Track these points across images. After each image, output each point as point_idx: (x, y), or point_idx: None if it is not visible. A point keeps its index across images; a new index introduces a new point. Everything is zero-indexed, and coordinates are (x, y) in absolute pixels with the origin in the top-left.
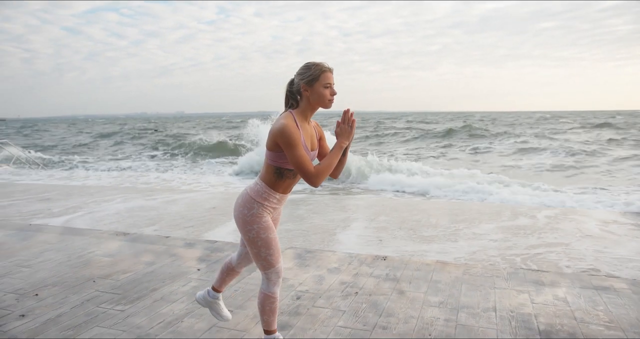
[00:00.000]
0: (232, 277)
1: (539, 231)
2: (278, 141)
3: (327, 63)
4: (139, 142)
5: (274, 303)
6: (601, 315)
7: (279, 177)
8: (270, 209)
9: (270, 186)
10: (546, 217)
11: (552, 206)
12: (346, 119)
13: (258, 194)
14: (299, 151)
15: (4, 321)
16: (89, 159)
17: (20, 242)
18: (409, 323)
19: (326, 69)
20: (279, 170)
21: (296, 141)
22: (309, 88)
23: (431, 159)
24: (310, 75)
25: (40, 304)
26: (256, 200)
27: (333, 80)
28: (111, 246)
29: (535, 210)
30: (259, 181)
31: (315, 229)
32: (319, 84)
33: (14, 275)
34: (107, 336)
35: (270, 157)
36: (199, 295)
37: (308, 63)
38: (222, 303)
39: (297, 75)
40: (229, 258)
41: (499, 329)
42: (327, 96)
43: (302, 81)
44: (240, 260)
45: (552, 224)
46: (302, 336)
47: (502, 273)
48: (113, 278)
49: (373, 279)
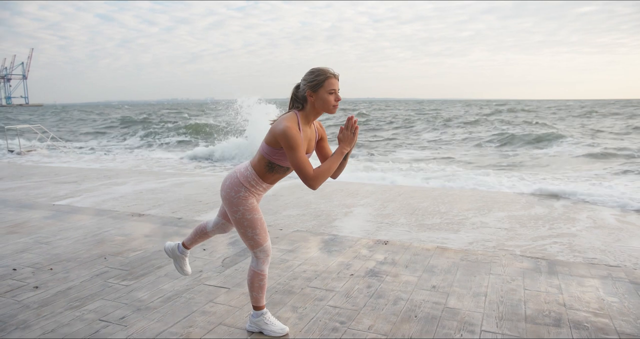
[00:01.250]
0: (203, 239)
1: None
2: (280, 141)
3: (332, 69)
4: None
5: (262, 280)
6: (592, 303)
7: (269, 170)
8: (255, 195)
9: (260, 175)
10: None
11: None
12: (349, 126)
13: (247, 180)
14: (300, 154)
15: (19, 292)
16: (112, 143)
17: (42, 221)
18: (397, 305)
19: (331, 75)
20: (271, 164)
21: (298, 144)
22: (313, 94)
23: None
24: (315, 81)
25: (53, 277)
26: (244, 185)
27: (338, 86)
28: (126, 226)
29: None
30: (249, 167)
31: (322, 213)
32: (323, 90)
33: (33, 251)
34: (109, 308)
35: (266, 151)
36: (168, 246)
37: (313, 69)
38: (187, 259)
39: (302, 80)
40: (205, 222)
41: (485, 313)
42: (331, 101)
43: (307, 87)
44: (215, 228)
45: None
46: (291, 313)
47: (500, 260)
48: (123, 255)
49: (371, 262)
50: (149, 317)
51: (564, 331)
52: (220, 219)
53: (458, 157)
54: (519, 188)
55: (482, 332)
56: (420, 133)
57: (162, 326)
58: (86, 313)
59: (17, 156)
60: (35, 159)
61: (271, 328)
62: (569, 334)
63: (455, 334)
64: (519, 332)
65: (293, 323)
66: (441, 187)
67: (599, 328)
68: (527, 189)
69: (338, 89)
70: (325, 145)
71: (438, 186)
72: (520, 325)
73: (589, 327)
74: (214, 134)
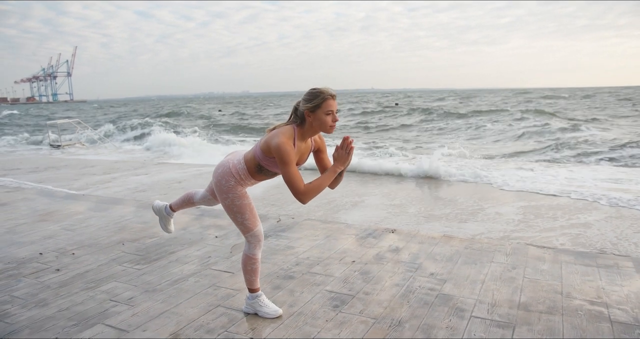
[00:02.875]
0: (189, 207)
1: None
2: (274, 154)
3: (331, 89)
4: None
5: (254, 264)
6: (591, 292)
7: (258, 171)
8: (244, 185)
9: (250, 172)
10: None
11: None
12: (344, 146)
13: (237, 172)
14: (292, 169)
15: (42, 274)
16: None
17: (71, 210)
18: (392, 290)
19: (329, 96)
20: (261, 167)
21: (291, 160)
22: (311, 114)
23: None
24: (314, 103)
25: (74, 261)
26: (234, 175)
27: (336, 106)
28: (146, 214)
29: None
30: (242, 161)
31: (334, 202)
32: (321, 111)
33: (59, 237)
34: (120, 289)
35: (259, 155)
36: (157, 205)
37: (313, 90)
38: (172, 220)
39: (302, 100)
40: (195, 192)
41: (478, 299)
42: (328, 122)
43: (306, 107)
44: (201, 200)
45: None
46: (288, 297)
47: (505, 249)
48: (140, 242)
49: (375, 249)
50: (155, 298)
51: (556, 318)
52: (207, 194)
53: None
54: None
55: (471, 317)
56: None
57: (165, 306)
58: (99, 293)
59: (56, 149)
60: (72, 150)
61: (265, 310)
62: (560, 322)
63: (444, 318)
64: (509, 318)
65: (288, 305)
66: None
67: (593, 315)
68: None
69: (336, 110)
70: (324, 157)
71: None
72: (511, 312)
73: (582, 314)
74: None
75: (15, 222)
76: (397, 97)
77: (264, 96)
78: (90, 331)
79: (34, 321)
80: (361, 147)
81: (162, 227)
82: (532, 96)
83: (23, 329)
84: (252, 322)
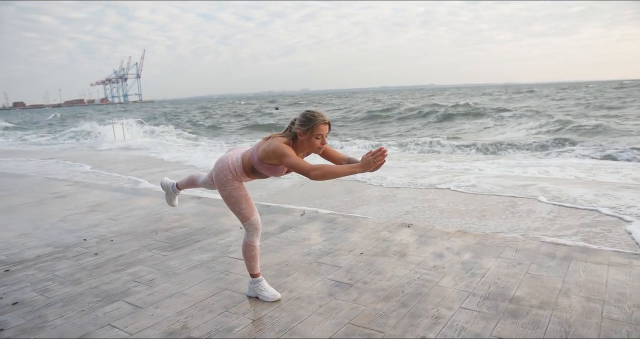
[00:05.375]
0: (193, 188)
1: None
2: (273, 156)
3: (324, 115)
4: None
5: (253, 251)
6: (591, 289)
7: (252, 172)
8: (239, 180)
9: (245, 171)
10: None
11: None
12: (376, 155)
13: (234, 168)
14: (293, 158)
15: (82, 257)
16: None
17: (119, 201)
18: (390, 281)
19: (321, 122)
20: (254, 169)
21: (289, 152)
22: (303, 135)
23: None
24: (307, 126)
25: (111, 247)
26: (232, 171)
27: (326, 131)
28: (184, 207)
29: None
30: (240, 160)
31: (359, 200)
32: (311, 133)
33: (103, 225)
34: (144, 272)
35: (255, 161)
36: (166, 181)
37: (308, 114)
38: (177, 196)
39: (297, 121)
40: (198, 174)
41: (472, 292)
42: (317, 144)
43: (299, 129)
44: (202, 183)
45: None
46: (291, 284)
47: (517, 244)
48: (172, 231)
49: (386, 243)
50: (172, 280)
51: (545, 313)
52: (208, 179)
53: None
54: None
55: (459, 309)
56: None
57: (179, 287)
58: (125, 275)
59: (118, 146)
60: (137, 147)
61: (265, 293)
62: (548, 316)
63: (431, 309)
64: (497, 311)
65: (289, 290)
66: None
67: (585, 311)
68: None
69: (326, 134)
70: (328, 149)
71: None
72: (502, 305)
73: (574, 310)
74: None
75: (69, 212)
76: (444, 96)
77: (324, 93)
78: (110, 306)
79: (67, 296)
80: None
81: (168, 201)
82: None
83: (57, 302)
84: (252, 304)
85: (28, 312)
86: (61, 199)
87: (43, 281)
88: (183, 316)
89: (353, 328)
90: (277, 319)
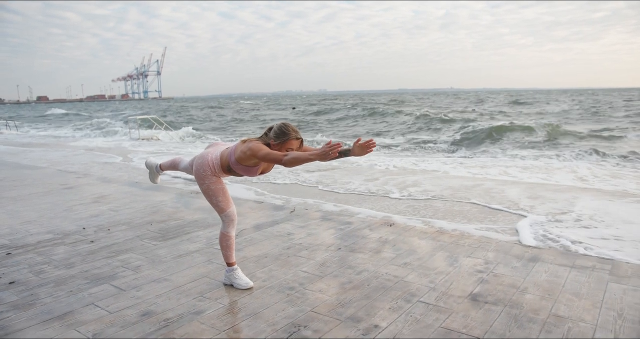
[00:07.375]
0: (173, 170)
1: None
2: (250, 154)
3: (298, 132)
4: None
5: (228, 241)
6: (547, 288)
7: (227, 170)
8: (217, 176)
9: (222, 168)
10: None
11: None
12: (333, 146)
13: (213, 165)
14: (266, 151)
15: (79, 244)
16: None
17: (121, 194)
18: (359, 275)
19: (293, 138)
20: (230, 168)
21: (262, 147)
22: (275, 146)
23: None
24: (281, 139)
25: (107, 235)
26: (210, 167)
27: (297, 146)
28: (182, 201)
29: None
30: (218, 156)
31: (352, 194)
32: (282, 146)
33: (103, 216)
34: (133, 259)
35: (232, 161)
36: (150, 161)
37: (283, 128)
38: (160, 176)
39: (273, 133)
40: (180, 159)
41: (433, 287)
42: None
43: (273, 140)
44: (183, 169)
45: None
46: (266, 274)
47: (490, 246)
48: (166, 223)
49: (365, 240)
50: (157, 268)
51: (497, 308)
52: (189, 167)
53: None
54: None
55: (417, 302)
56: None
57: (161, 274)
58: (115, 261)
59: (134, 142)
60: (147, 143)
61: (238, 281)
62: (498, 311)
63: (391, 301)
64: (451, 305)
65: (262, 280)
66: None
67: (533, 308)
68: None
69: (295, 149)
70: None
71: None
72: (458, 300)
73: (524, 307)
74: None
75: (74, 203)
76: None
77: (340, 94)
78: (97, 288)
79: (59, 278)
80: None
81: (150, 179)
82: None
83: (50, 282)
84: (226, 291)
85: (22, 290)
86: (68, 190)
87: (40, 264)
88: (160, 299)
89: (313, 315)
90: (246, 304)
